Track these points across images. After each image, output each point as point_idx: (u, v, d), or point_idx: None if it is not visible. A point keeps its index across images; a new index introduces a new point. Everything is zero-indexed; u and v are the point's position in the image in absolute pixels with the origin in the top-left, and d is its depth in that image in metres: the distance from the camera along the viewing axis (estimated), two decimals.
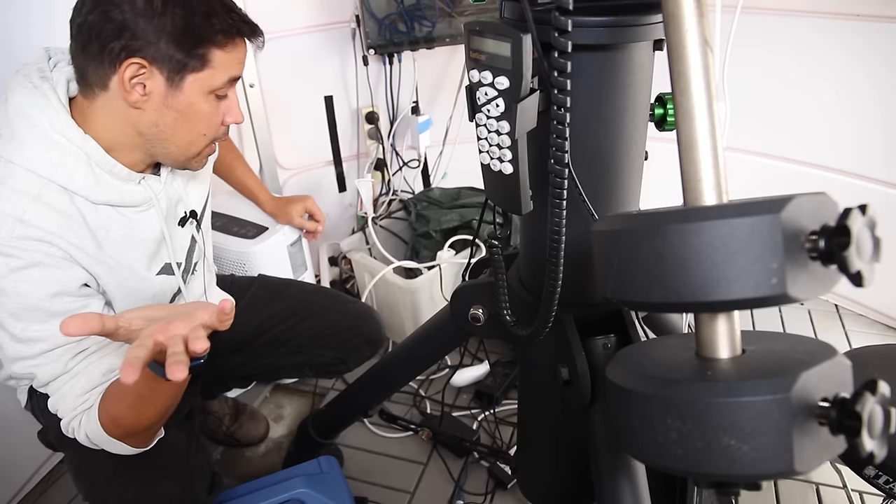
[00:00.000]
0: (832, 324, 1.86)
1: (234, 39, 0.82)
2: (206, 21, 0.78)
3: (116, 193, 0.85)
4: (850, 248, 0.37)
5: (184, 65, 0.78)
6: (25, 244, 0.76)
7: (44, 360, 0.80)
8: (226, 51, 0.81)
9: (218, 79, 0.82)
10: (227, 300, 0.66)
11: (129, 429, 0.80)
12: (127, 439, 0.81)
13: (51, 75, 0.82)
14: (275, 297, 1.27)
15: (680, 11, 0.45)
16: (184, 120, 0.83)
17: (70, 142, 0.80)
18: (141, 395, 0.76)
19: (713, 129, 0.45)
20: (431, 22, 1.75)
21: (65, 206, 0.79)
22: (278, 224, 1.50)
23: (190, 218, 1.00)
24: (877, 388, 0.39)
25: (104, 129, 0.82)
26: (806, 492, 1.35)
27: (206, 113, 0.84)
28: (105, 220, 0.84)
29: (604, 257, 0.47)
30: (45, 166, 0.78)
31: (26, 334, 0.78)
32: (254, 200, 1.50)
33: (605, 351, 0.77)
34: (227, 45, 0.81)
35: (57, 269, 0.79)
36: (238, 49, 0.83)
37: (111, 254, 0.85)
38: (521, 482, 1.09)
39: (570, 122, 0.57)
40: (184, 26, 0.76)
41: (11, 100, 0.79)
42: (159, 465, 0.91)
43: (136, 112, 0.81)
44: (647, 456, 0.45)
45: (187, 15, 0.76)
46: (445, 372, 1.72)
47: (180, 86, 0.80)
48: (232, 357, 1.23)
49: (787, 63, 1.76)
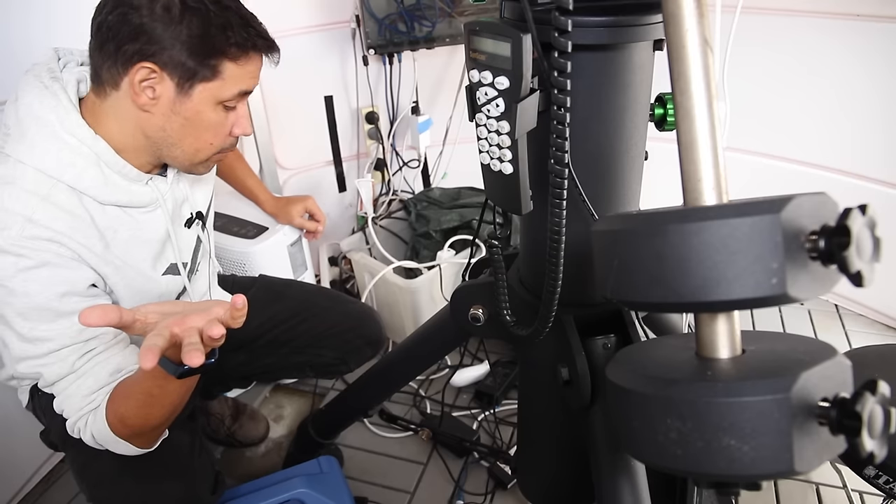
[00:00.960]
0: (832, 324, 1.86)
1: (248, 53, 0.82)
2: (222, 33, 0.78)
3: (124, 194, 0.85)
4: (850, 248, 0.37)
5: (194, 73, 0.79)
6: (35, 244, 0.76)
7: (51, 360, 0.80)
8: (238, 64, 0.81)
9: (227, 91, 0.82)
10: (239, 295, 0.67)
11: (136, 428, 0.80)
12: (133, 439, 0.81)
13: (61, 76, 0.82)
14: (276, 297, 1.27)
15: (680, 11, 0.45)
16: (191, 127, 0.83)
17: (81, 142, 0.80)
18: (150, 393, 0.76)
19: (713, 129, 0.45)
20: (431, 22, 1.75)
21: (73, 206, 0.80)
22: (278, 224, 1.50)
23: (196, 219, 1.01)
24: (877, 388, 0.39)
25: (114, 129, 0.82)
26: (806, 492, 1.35)
27: (213, 122, 0.84)
28: (112, 220, 0.85)
29: (604, 257, 0.47)
30: (54, 166, 0.79)
31: (34, 334, 0.78)
32: (254, 200, 1.50)
33: (605, 351, 0.77)
34: (240, 58, 0.81)
35: (66, 269, 0.79)
36: (251, 63, 0.83)
37: (118, 254, 0.86)
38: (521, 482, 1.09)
39: (570, 122, 0.57)
40: (199, 36, 0.77)
41: (22, 99, 0.80)
42: (163, 466, 0.91)
43: (145, 115, 0.81)
44: (647, 456, 0.45)
45: (203, 25, 0.77)
46: (445, 372, 1.72)
47: (189, 93, 0.80)
48: (233, 357, 1.23)
49: (788, 63, 1.76)
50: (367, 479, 1.42)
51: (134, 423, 0.79)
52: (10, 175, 0.77)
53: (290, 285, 1.34)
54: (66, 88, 0.81)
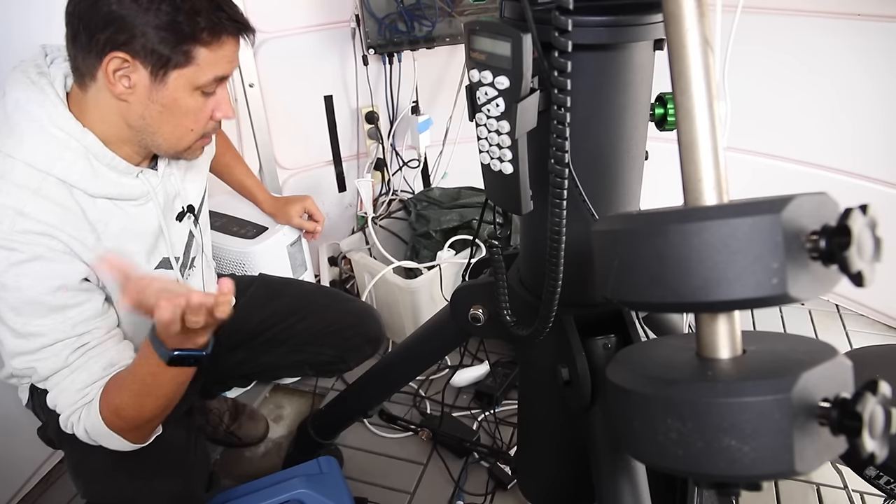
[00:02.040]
0: (833, 324, 1.86)
1: (221, 38, 0.80)
2: (191, 18, 0.77)
3: (114, 187, 0.85)
4: (851, 248, 0.37)
5: (167, 60, 0.78)
6: (26, 237, 0.76)
7: (44, 355, 0.80)
8: (211, 49, 0.80)
9: (203, 76, 0.81)
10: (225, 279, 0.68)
11: (130, 420, 0.80)
12: (127, 433, 0.81)
13: (48, 71, 0.82)
14: (274, 295, 1.27)
15: (680, 11, 0.45)
16: (169, 114, 0.83)
17: (69, 135, 0.80)
18: (143, 381, 0.77)
19: (714, 129, 0.45)
20: (431, 22, 1.74)
21: (63, 199, 0.80)
22: (278, 224, 1.50)
23: (187, 213, 1.01)
24: (878, 388, 0.39)
25: (99, 120, 0.82)
26: (806, 492, 1.35)
27: (191, 108, 0.84)
28: (103, 213, 0.85)
29: (604, 257, 0.47)
30: (44, 160, 0.79)
31: (27, 329, 0.78)
32: (252, 200, 1.50)
33: (605, 351, 0.77)
34: (212, 43, 0.80)
35: (58, 263, 0.79)
36: (225, 47, 0.82)
37: (110, 247, 0.86)
38: (521, 482, 1.09)
39: (571, 122, 0.57)
40: (168, 23, 0.76)
41: (9, 95, 0.80)
42: (158, 462, 0.91)
43: (124, 104, 0.81)
44: (648, 456, 0.45)
45: (172, 11, 0.76)
46: (445, 372, 1.72)
47: (165, 81, 0.79)
48: (231, 355, 1.23)
49: (788, 63, 1.76)
50: (367, 479, 1.42)
51: (128, 415, 0.80)
52: (0, 170, 0.77)
53: (289, 283, 1.34)
54: (53, 83, 0.81)
